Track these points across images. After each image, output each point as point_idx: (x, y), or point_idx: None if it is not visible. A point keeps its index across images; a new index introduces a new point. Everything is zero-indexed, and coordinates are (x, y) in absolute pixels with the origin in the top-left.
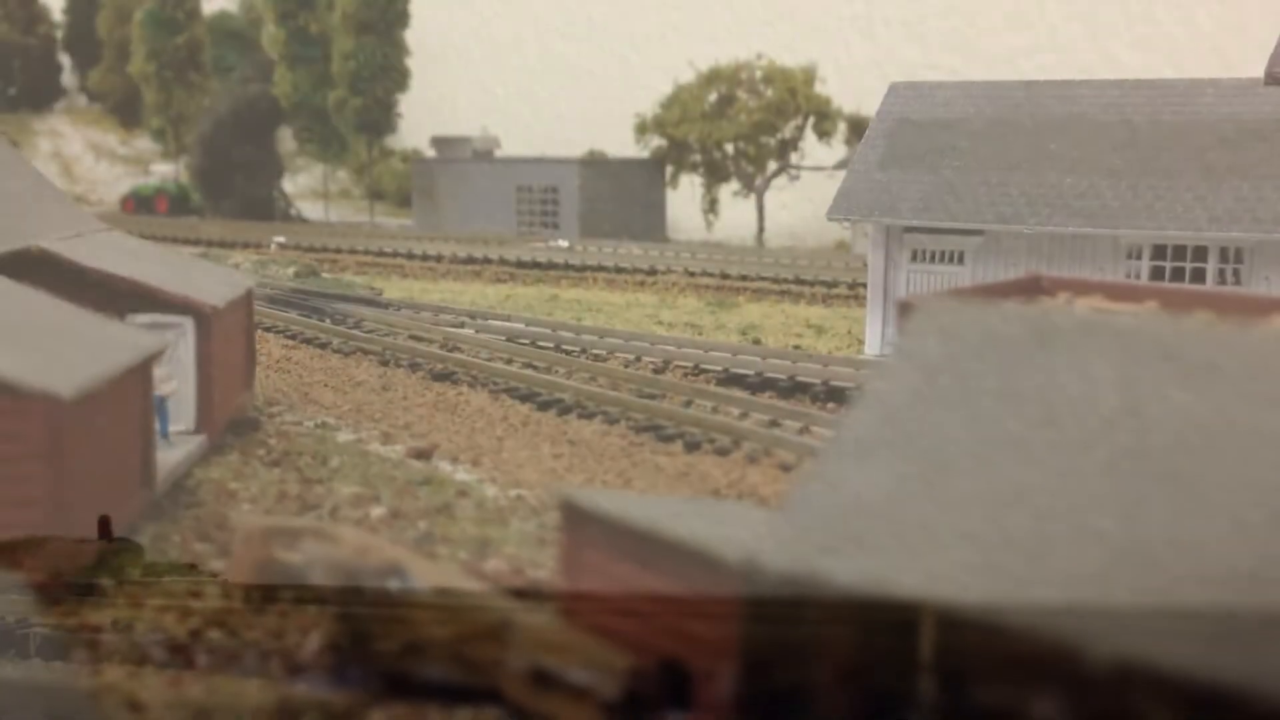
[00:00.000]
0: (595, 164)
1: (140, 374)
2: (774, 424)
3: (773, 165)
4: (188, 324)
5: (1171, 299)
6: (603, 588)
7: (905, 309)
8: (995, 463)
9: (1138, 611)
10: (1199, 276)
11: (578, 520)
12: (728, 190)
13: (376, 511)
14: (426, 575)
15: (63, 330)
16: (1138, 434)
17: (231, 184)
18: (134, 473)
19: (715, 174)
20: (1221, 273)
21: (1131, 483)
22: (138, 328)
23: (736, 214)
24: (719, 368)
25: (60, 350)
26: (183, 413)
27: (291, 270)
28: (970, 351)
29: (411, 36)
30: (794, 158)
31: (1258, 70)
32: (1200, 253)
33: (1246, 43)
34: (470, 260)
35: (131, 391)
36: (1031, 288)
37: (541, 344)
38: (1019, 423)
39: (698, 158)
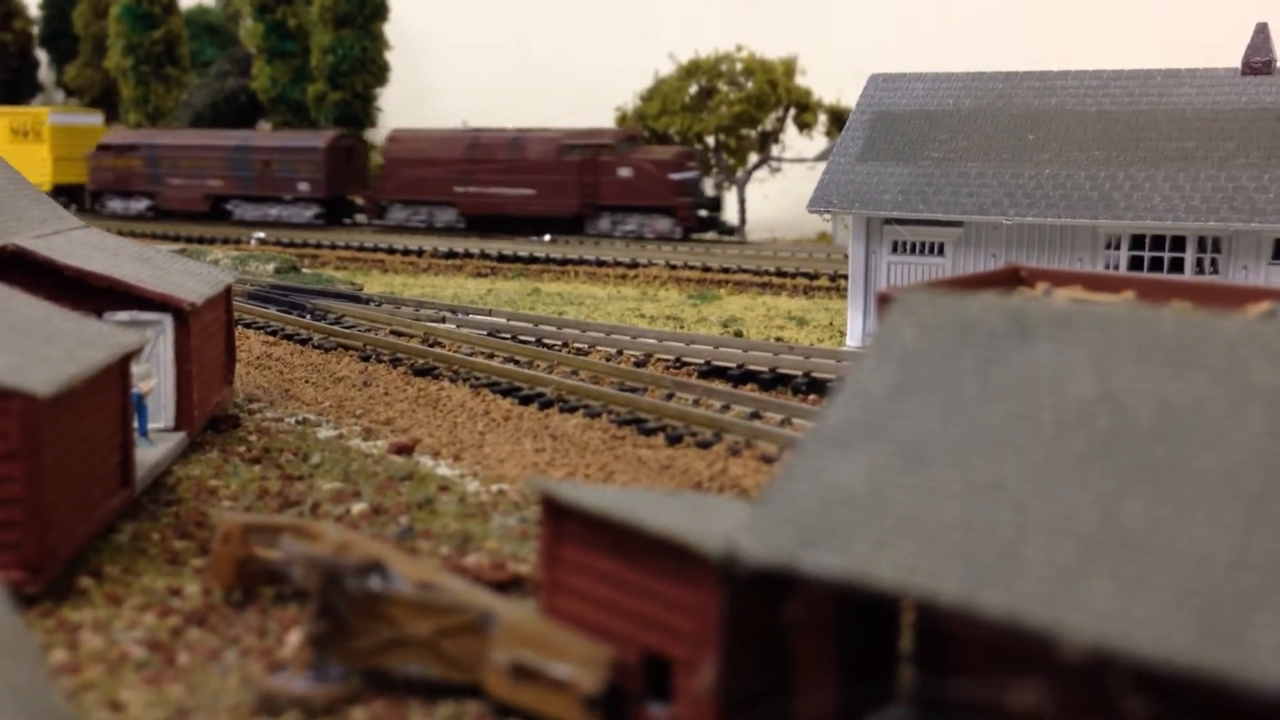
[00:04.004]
0: None
1: (118, 372)
2: (756, 416)
3: (754, 157)
4: (166, 321)
5: (1149, 289)
6: (583, 581)
7: (884, 300)
8: (973, 453)
9: (1115, 599)
10: (1177, 266)
11: (558, 514)
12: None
13: (358, 507)
14: (407, 571)
15: (39, 328)
16: (1115, 423)
17: None
18: (113, 471)
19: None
20: (1200, 262)
21: (1109, 472)
22: (115, 325)
23: None
24: (701, 360)
25: (36, 348)
26: (162, 410)
27: (272, 266)
28: (948, 342)
29: (390, 30)
30: (775, 150)
31: (1234, 60)
32: (1178, 242)
33: (1224, 33)
34: (451, 255)
35: (109, 389)
36: (1010, 279)
37: (523, 338)
38: (997, 413)
39: None
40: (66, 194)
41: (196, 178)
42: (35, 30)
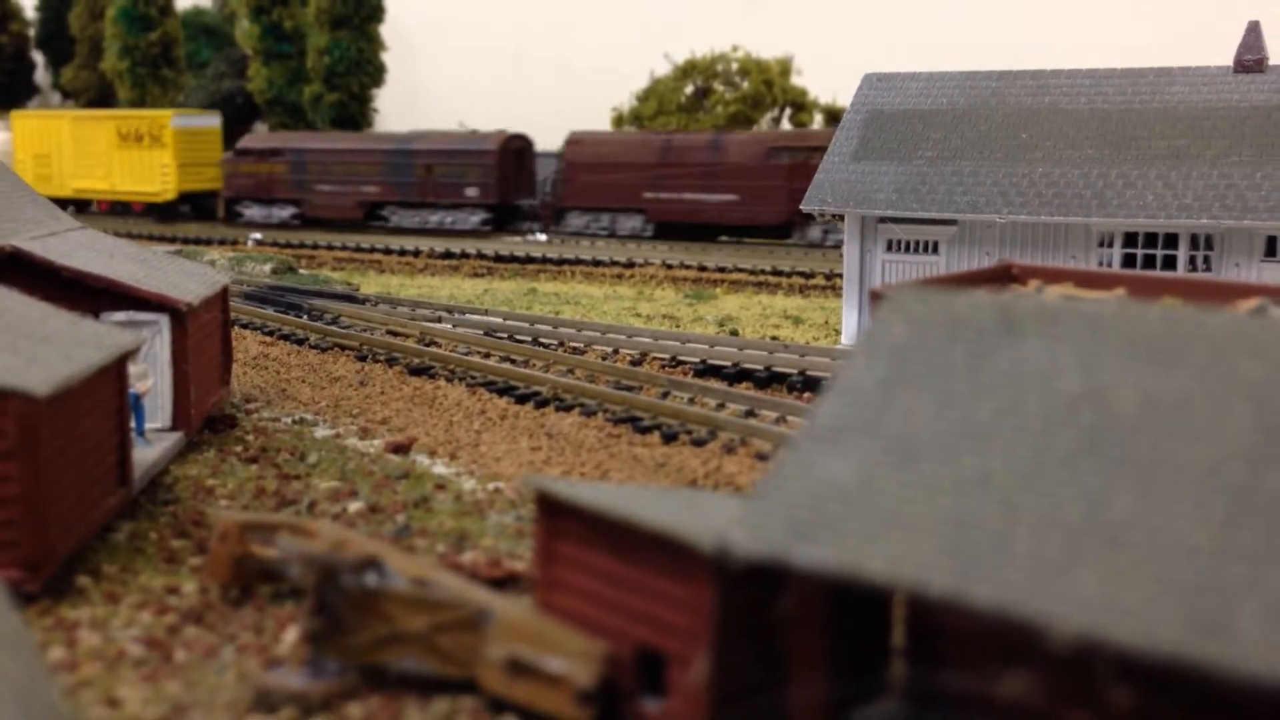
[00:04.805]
0: None
1: (115, 372)
2: (751, 414)
3: None
4: (163, 321)
5: (1140, 285)
6: (578, 577)
7: (877, 298)
8: (962, 448)
9: (1101, 591)
10: (1170, 263)
11: (553, 510)
12: None
13: (354, 506)
14: (403, 567)
15: (36, 329)
16: (1101, 418)
17: None
18: (110, 470)
19: None
20: (1192, 259)
21: (1095, 466)
22: (112, 325)
23: None
24: (696, 359)
25: (33, 348)
26: (159, 410)
27: (268, 267)
28: (938, 339)
29: (386, 30)
30: None
31: (1227, 58)
32: (1171, 240)
33: (1216, 31)
34: (448, 255)
35: (106, 389)
36: (1003, 276)
37: (519, 337)
38: (985, 409)
39: None
40: (191, 202)
41: (349, 184)
42: (31, 32)
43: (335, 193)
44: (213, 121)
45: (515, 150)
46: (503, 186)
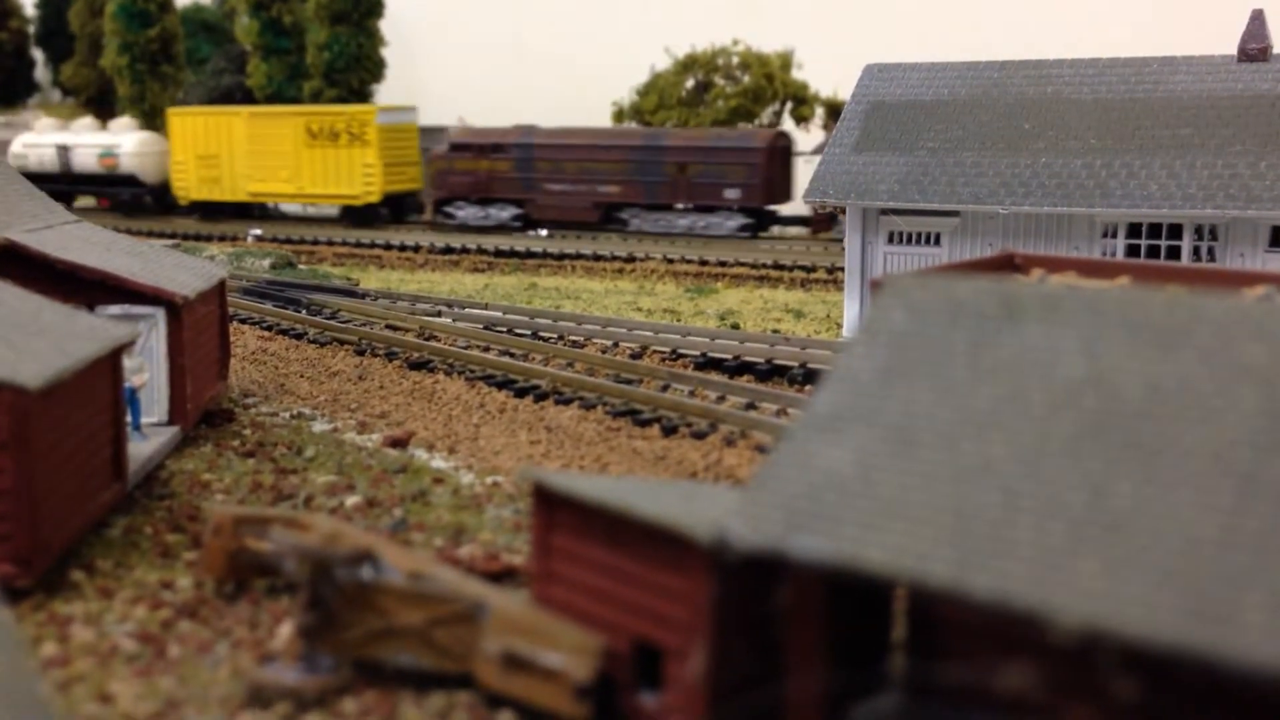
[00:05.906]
0: None
1: (109, 365)
2: (751, 407)
3: None
4: (159, 314)
5: (1143, 274)
6: (575, 570)
7: (876, 286)
8: (962, 436)
9: (1103, 580)
10: (1174, 254)
11: (550, 502)
12: None
13: (351, 500)
14: (399, 561)
15: (30, 321)
16: (1103, 404)
17: None
18: (105, 464)
19: None
20: (1196, 249)
21: (1097, 452)
22: (107, 318)
23: None
24: (697, 352)
25: (27, 341)
26: (155, 404)
27: (267, 262)
28: (938, 325)
29: (386, 26)
30: None
31: (1231, 47)
32: (1175, 230)
33: (1220, 20)
34: (448, 250)
35: (101, 382)
36: (1005, 265)
37: (518, 331)
38: (986, 395)
39: None
40: (391, 205)
41: (584, 182)
42: (31, 29)
43: (567, 192)
44: (411, 118)
45: (781, 149)
46: (768, 188)
